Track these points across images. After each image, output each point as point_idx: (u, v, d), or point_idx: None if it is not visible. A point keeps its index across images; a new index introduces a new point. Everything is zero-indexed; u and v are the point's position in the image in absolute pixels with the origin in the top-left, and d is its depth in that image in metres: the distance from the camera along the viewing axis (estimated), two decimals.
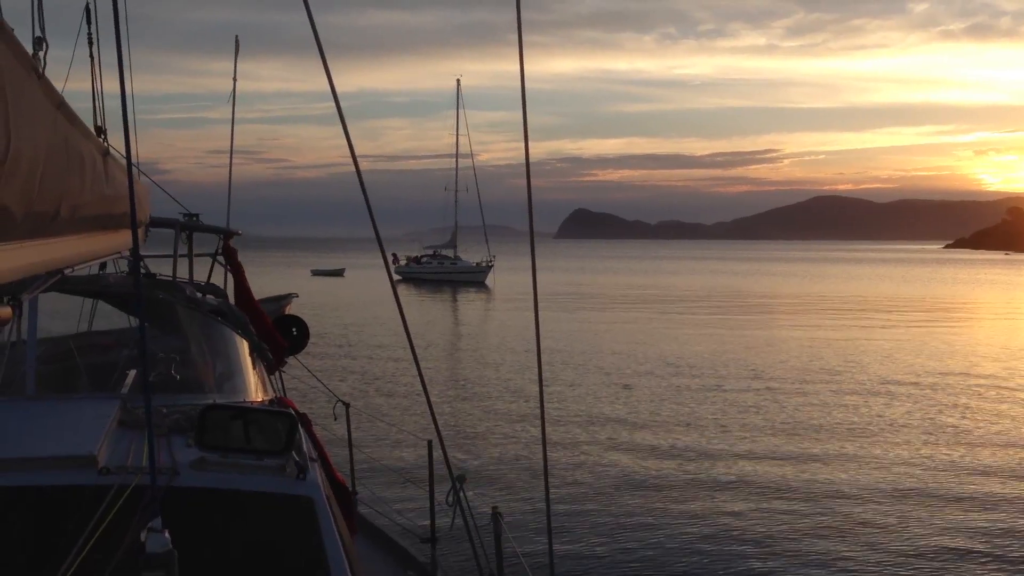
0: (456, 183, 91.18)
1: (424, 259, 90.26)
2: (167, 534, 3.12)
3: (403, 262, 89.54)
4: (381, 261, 5.39)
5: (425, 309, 53.76)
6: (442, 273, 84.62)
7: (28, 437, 4.23)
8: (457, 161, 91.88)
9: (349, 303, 50.66)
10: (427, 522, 7.79)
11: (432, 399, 5.63)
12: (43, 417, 4.61)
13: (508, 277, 76.88)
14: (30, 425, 4.44)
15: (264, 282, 72.75)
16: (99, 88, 6.63)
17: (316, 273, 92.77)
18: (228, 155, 10.53)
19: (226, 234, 7.90)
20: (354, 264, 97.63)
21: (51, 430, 4.39)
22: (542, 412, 5.65)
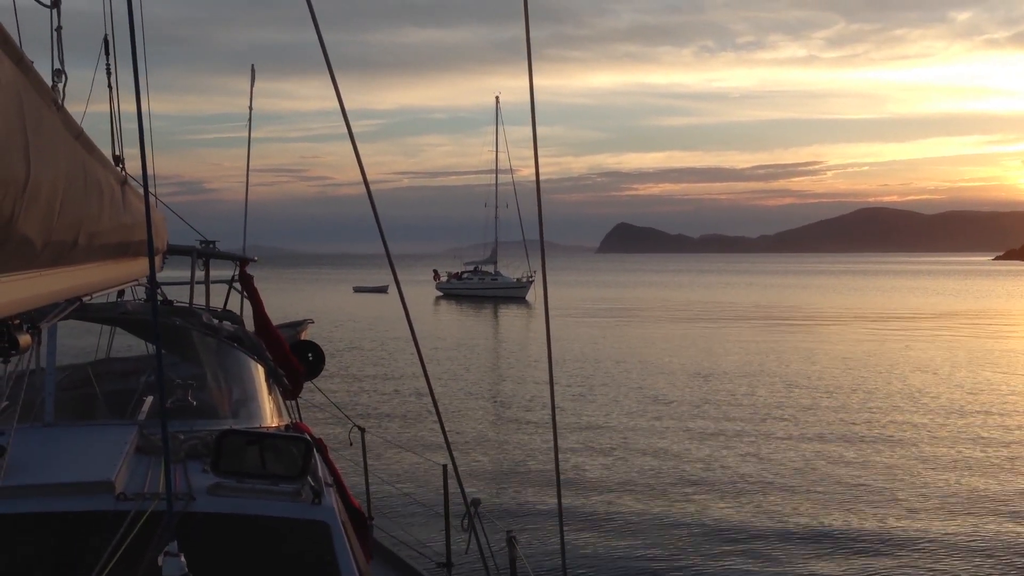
0: (496, 199, 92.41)
1: (465, 275, 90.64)
2: (183, 558, 3.15)
3: (444, 278, 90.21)
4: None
5: (465, 325, 54.19)
6: (483, 289, 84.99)
7: (47, 463, 4.26)
8: (496, 177, 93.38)
9: (389, 320, 50.74)
10: (442, 547, 7.79)
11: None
12: (61, 444, 4.65)
13: (549, 291, 76.77)
14: (49, 452, 4.48)
15: (306, 299, 73.14)
16: (118, 118, 6.70)
17: (358, 290, 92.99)
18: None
19: (242, 260, 7.97)
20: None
21: (69, 456, 4.43)
22: (555, 440, 5.65)
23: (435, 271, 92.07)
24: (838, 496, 15.64)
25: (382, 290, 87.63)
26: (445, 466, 7.10)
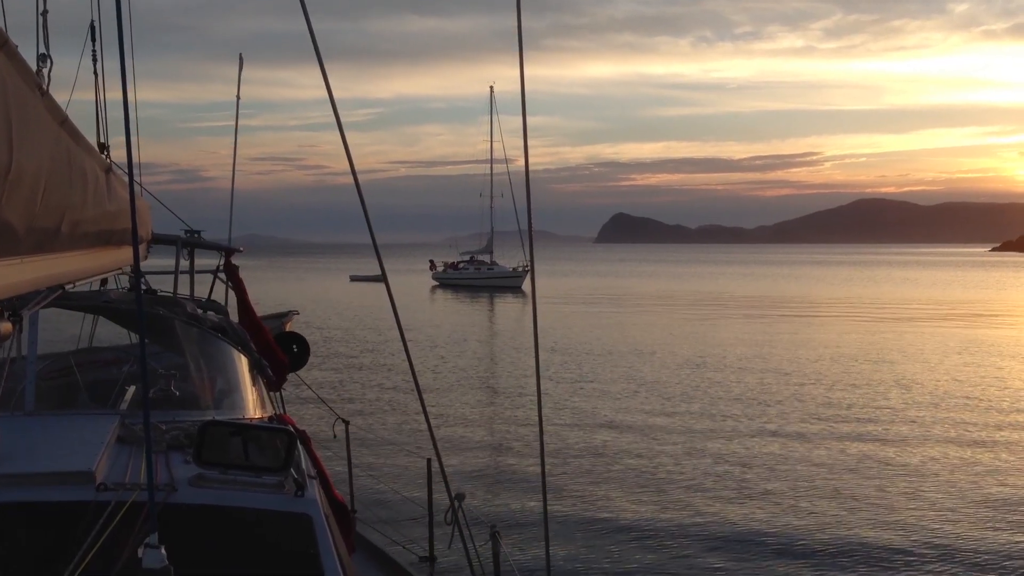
0: (491, 189, 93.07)
1: (461, 265, 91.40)
2: (163, 550, 3.12)
3: (440, 268, 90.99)
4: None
5: (460, 315, 54.52)
6: (479, 278, 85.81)
7: (27, 453, 4.23)
8: (492, 167, 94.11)
9: (383, 310, 50.78)
10: (426, 540, 7.78)
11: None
12: (42, 433, 4.61)
13: (546, 281, 77.25)
14: (29, 441, 4.44)
15: (302, 288, 72.62)
16: (103, 105, 6.66)
17: (355, 279, 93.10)
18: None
19: (227, 251, 7.93)
20: (394, 270, 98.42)
21: (50, 446, 4.39)
22: (540, 435, 5.64)
23: (431, 261, 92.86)
24: (827, 486, 15.70)
25: (379, 279, 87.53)
26: (429, 460, 7.09)
